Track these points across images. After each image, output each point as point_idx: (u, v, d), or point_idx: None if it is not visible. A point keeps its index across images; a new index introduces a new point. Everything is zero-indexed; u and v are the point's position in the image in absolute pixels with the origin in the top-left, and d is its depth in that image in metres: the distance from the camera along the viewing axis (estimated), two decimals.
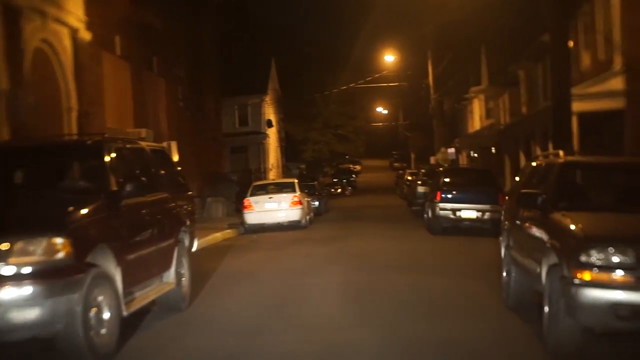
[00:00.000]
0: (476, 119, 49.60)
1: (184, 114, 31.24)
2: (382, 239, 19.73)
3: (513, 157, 29.76)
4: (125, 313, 7.67)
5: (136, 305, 8.11)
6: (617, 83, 19.23)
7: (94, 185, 7.93)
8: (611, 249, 6.51)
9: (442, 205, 20.14)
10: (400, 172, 66.10)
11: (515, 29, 45.43)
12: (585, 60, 22.77)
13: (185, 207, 10.74)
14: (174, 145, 20.52)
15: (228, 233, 23.68)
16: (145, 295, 8.55)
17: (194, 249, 11.12)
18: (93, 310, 6.97)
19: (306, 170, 58.02)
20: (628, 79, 19.01)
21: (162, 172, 10.02)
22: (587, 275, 6.55)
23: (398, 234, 21.19)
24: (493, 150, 42.83)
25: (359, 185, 64.61)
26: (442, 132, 46.33)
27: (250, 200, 24.61)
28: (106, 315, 7.21)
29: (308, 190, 32.37)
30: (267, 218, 24.45)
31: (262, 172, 46.70)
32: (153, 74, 25.83)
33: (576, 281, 6.61)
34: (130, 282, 7.95)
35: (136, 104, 22.88)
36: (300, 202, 24.59)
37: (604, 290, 6.47)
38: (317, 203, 31.57)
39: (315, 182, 35.27)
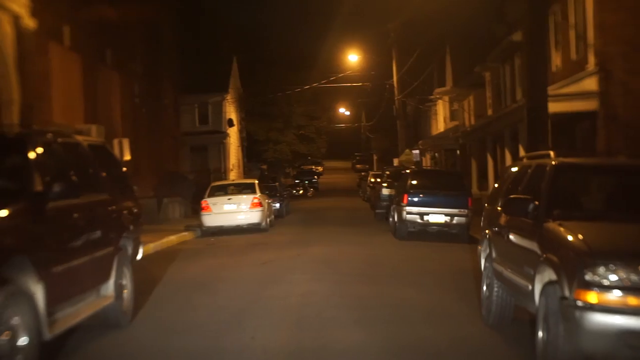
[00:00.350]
0: (440, 121, 48.94)
1: (140, 110, 29.86)
2: (346, 244, 18.68)
3: (480, 160, 28.97)
4: (48, 336, 6.47)
5: (63, 326, 6.90)
6: (590, 84, 18.45)
7: (13, 185, 6.70)
8: (621, 266, 5.52)
9: (409, 209, 19.18)
10: (363, 174, 65.27)
11: (480, 29, 44.93)
12: (557, 60, 22.01)
13: (130, 210, 9.54)
14: (126, 143, 19.26)
15: (184, 236, 22.43)
16: (76, 313, 7.34)
17: (139, 256, 9.92)
18: (5, 335, 5.77)
19: (268, 170, 56.79)
20: (602, 79, 18.25)
21: (102, 171, 8.80)
22: (592, 297, 5.55)
23: (362, 239, 20.17)
24: (458, 152, 42.15)
25: (321, 186, 63.59)
26: (405, 134, 45.54)
27: (208, 201, 23.38)
28: (22, 340, 6.00)
29: (269, 191, 31.24)
30: (225, 220, 23.25)
31: (223, 172, 45.38)
32: (106, 67, 24.45)
33: (580, 303, 5.60)
34: (57, 298, 6.74)
35: (87, 99, 21.51)
36: (260, 204, 23.44)
37: (613, 315, 5.48)
38: (278, 205, 30.45)
39: (277, 183, 34.13)
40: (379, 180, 39.02)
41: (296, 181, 58.69)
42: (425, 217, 19.09)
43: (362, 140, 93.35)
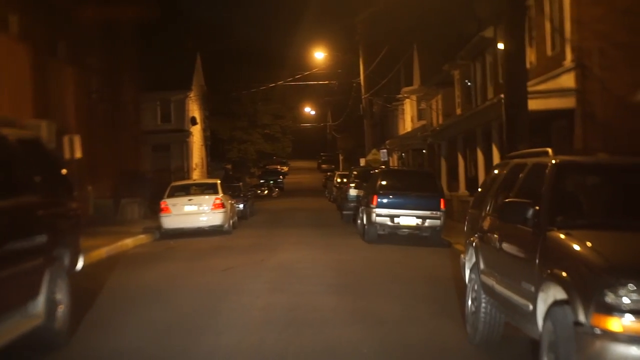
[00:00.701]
0: (408, 121, 48.15)
1: (98, 107, 28.46)
2: (312, 248, 17.60)
3: (450, 160, 28.11)
4: None
5: None
6: (568, 80, 17.63)
7: None
8: None
9: (378, 210, 18.16)
10: (329, 174, 64.31)
11: (448, 28, 44.23)
12: (531, 56, 21.18)
13: (67, 214, 8.34)
14: (77, 140, 17.94)
15: (141, 239, 21.14)
16: None
17: (79, 266, 8.72)
18: None
19: (233, 170, 55.48)
20: (579, 75, 17.42)
21: (34, 169, 7.60)
22: (615, 324, 4.54)
23: (330, 242, 19.11)
24: (424, 152, 41.35)
25: (286, 186, 62.45)
26: (372, 133, 44.61)
27: (167, 202, 22.11)
28: None
29: (232, 192, 30.06)
30: (186, 222, 22.01)
31: (186, 172, 44.01)
32: (59, 60, 23.03)
33: (598, 331, 4.60)
34: None
35: (37, 93, 20.12)
36: (222, 205, 22.25)
37: None
38: (242, 206, 29.25)
39: (240, 183, 32.92)
40: (345, 180, 38.06)
41: (261, 181, 57.48)
42: (396, 220, 18.10)
43: (328, 140, 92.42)
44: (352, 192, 25.42)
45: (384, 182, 18.60)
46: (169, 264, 15.38)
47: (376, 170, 19.69)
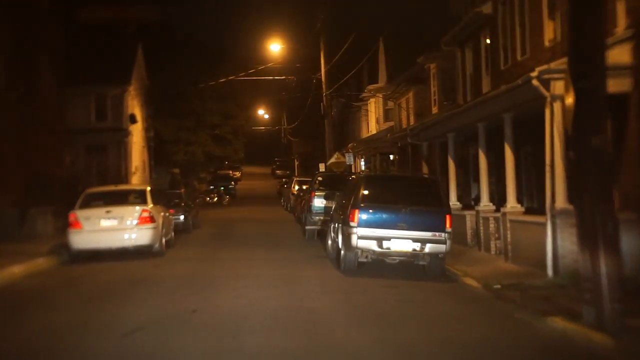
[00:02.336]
0: (372, 122, 43.17)
1: (5, 97, 22.71)
2: (267, 285, 12.28)
3: (433, 165, 23.03)
4: None
5: None
6: (620, 54, 12.65)
7: None
8: None
9: (361, 231, 12.96)
10: (285, 180, 58.94)
11: (417, 22, 39.45)
12: (551, 31, 16.28)
13: None
14: None
15: (39, 264, 15.58)
16: None
17: None
18: None
19: (181, 175, 49.72)
20: (637, 48, 12.46)
21: None
22: None
23: (291, 274, 13.78)
24: (392, 157, 36.40)
25: (239, 193, 56.77)
26: (333, 135, 39.54)
27: (78, 214, 16.55)
28: None
29: (173, 199, 24.57)
30: (102, 241, 16.48)
31: (124, 176, 38.19)
32: None
33: None
34: None
35: None
36: (151, 219, 16.77)
37: None
38: (182, 217, 23.78)
39: (182, 190, 27.33)
40: (305, 187, 32.83)
41: (211, 187, 51.78)
42: (386, 244, 12.94)
43: (283, 145, 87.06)
44: (318, 202, 20.21)
45: (367, 192, 13.33)
46: (49, 315, 9.93)
47: (354, 176, 14.33)
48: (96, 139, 38.23)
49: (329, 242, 15.99)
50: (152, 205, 17.26)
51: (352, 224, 13.01)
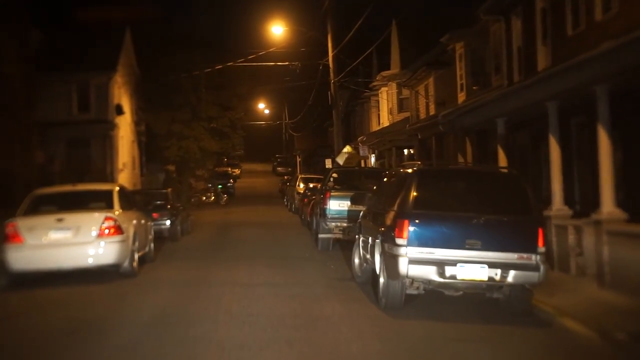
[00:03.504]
0: (384, 114, 38.76)
1: None
2: (274, 335, 7.92)
3: (471, 158, 18.64)
4: None
5: None
6: None
7: None
8: None
9: (414, 252, 8.61)
10: (287, 177, 54.60)
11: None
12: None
13: None
14: None
15: None
16: None
17: None
18: None
19: (177, 173, 45.34)
20: None
21: None
22: None
23: (309, 311, 9.42)
24: (410, 151, 32.07)
25: (238, 192, 52.43)
26: (342, 127, 35.20)
27: (19, 224, 12.25)
28: None
29: (156, 201, 20.36)
30: (51, 259, 12.17)
31: (110, 174, 33.84)
32: None
33: None
34: None
35: None
36: (118, 229, 12.45)
37: None
38: (168, 222, 19.49)
39: (168, 190, 22.89)
40: (312, 185, 28.51)
41: (208, 185, 47.41)
42: (450, 271, 8.57)
43: (285, 141, 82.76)
44: (335, 205, 15.87)
45: (421, 194, 8.95)
46: None
47: (403, 170, 9.89)
48: (78, 132, 33.87)
49: (356, 260, 11.67)
50: (119, 211, 12.93)
51: (399, 241, 8.68)
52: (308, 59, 37.72)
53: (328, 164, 41.73)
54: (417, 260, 8.56)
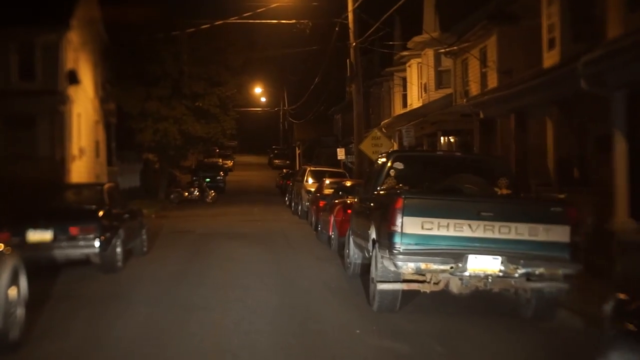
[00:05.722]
0: (413, 92, 30.16)
1: None
2: None
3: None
4: None
5: None
6: None
7: None
8: None
9: None
10: (286, 171, 46.09)
11: None
12: None
13: None
14: None
15: None
16: None
17: None
18: None
19: (160, 162, 36.62)
20: None
21: None
22: None
23: None
24: (452, 139, 23.52)
25: (229, 186, 43.84)
26: (364, 107, 26.68)
27: None
28: None
29: (74, 208, 11.95)
30: None
31: (59, 162, 25.28)
32: None
33: None
34: None
35: None
36: None
37: None
38: (97, 244, 10.95)
39: (104, 186, 14.09)
40: (328, 182, 20.09)
41: (194, 178, 38.74)
42: None
43: (284, 130, 74.10)
44: (415, 225, 7.35)
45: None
46: None
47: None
48: (19, 106, 25.33)
49: None
50: None
51: None
52: (320, 17, 29.12)
53: (341, 154, 33.35)
54: None
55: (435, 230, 7.50)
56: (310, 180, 24.07)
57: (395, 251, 7.58)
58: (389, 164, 9.56)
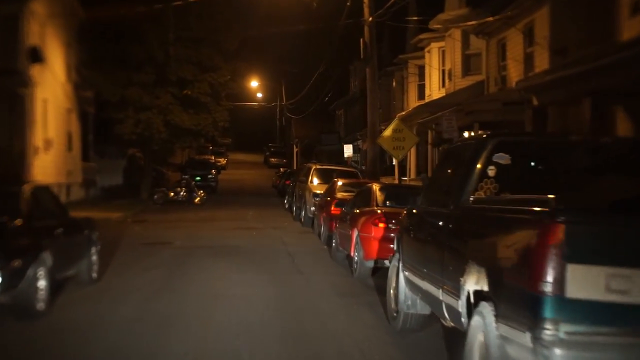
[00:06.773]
0: (433, 81, 26.00)
1: None
2: None
3: None
4: None
5: None
6: None
7: None
8: None
9: None
10: (283, 169, 41.95)
11: None
12: None
13: None
14: None
15: None
16: None
17: None
18: None
19: (145, 159, 32.38)
20: None
21: None
22: None
23: None
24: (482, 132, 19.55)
25: (221, 186, 39.63)
26: (379, 94, 22.46)
27: None
28: None
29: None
30: None
31: (18, 156, 21.14)
32: None
33: None
34: None
35: None
36: None
37: None
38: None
39: (23, 189, 9.91)
40: (341, 183, 15.94)
41: (182, 177, 34.46)
42: None
43: (281, 127, 69.94)
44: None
45: None
46: None
47: None
48: None
49: None
50: None
51: None
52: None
53: (348, 151, 29.26)
54: None
55: (636, 295, 3.45)
56: (317, 181, 19.96)
57: (545, 336, 3.51)
58: (483, 156, 5.42)
